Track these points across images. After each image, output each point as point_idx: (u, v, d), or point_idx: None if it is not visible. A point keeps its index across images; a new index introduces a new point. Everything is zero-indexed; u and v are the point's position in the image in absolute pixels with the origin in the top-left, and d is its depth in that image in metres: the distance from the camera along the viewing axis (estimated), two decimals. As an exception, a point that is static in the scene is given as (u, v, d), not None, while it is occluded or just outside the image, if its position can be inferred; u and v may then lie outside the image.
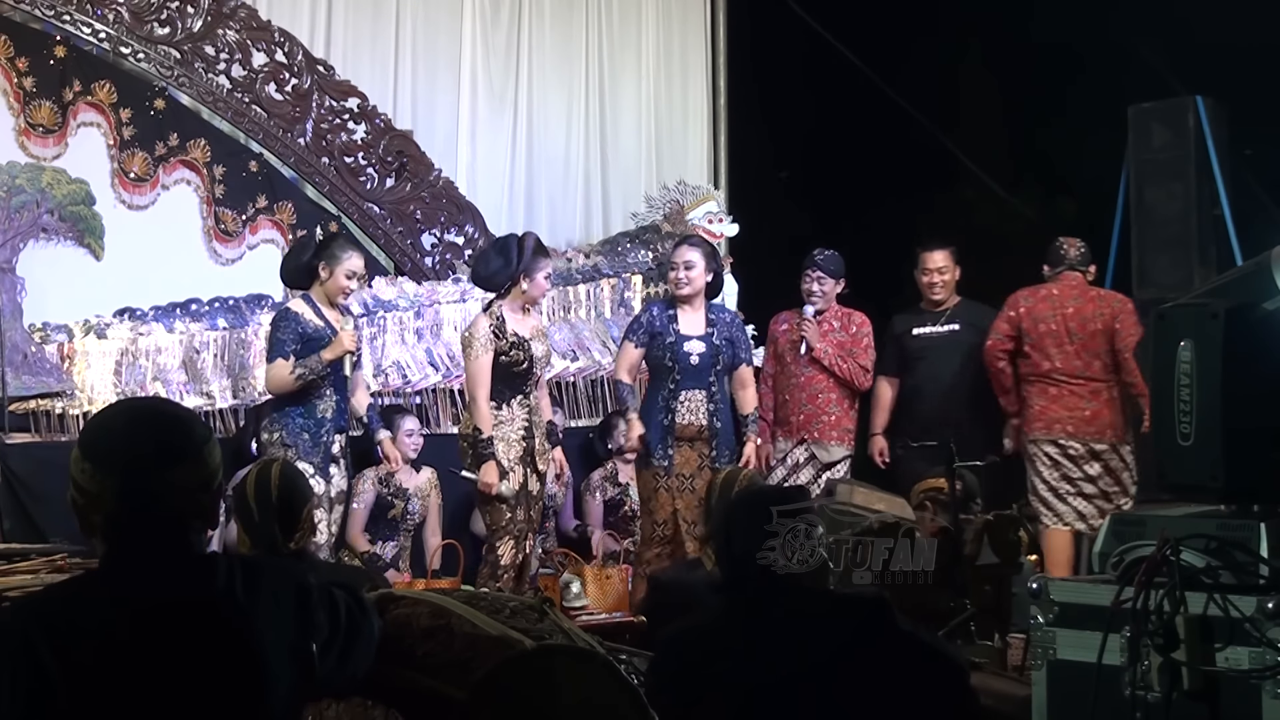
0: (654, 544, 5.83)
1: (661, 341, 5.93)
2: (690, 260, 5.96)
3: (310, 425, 5.46)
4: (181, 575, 2.13)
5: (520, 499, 5.68)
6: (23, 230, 6.41)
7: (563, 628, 2.48)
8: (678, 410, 5.89)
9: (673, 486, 5.85)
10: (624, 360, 6.05)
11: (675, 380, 5.90)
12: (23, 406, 6.28)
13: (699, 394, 5.93)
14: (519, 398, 5.74)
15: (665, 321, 5.97)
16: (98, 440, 2.16)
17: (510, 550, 5.63)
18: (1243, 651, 2.66)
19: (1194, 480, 3.04)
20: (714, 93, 9.02)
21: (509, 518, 5.66)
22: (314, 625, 2.21)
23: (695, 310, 6.00)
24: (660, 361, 5.94)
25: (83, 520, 2.16)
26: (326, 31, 7.62)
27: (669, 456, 5.86)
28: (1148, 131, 7.74)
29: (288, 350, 5.42)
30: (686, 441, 5.89)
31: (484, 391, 5.67)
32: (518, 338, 5.71)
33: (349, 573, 4.40)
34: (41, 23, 6.63)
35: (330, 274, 5.54)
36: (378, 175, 7.55)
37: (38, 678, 2.00)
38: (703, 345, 5.94)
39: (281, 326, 5.49)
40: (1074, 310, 6.35)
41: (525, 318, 5.83)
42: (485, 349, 5.66)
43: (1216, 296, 3.38)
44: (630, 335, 6.05)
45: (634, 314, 6.65)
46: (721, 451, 5.91)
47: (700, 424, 5.91)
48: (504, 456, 5.66)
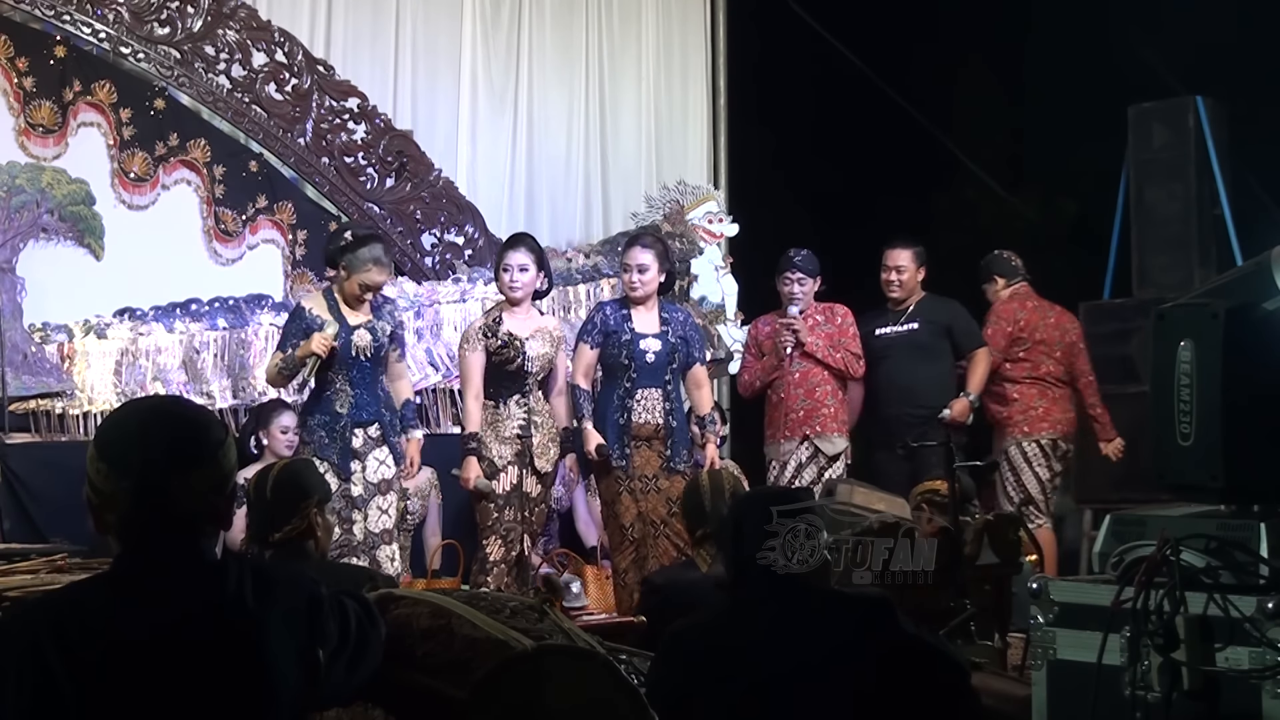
0: (625, 549, 5.75)
1: (617, 340, 5.86)
2: (643, 263, 5.89)
3: (325, 420, 5.47)
4: (192, 580, 2.12)
5: (512, 499, 5.64)
6: (23, 230, 6.42)
7: (563, 628, 2.48)
8: (633, 409, 5.83)
9: (635, 489, 5.78)
10: (580, 363, 5.93)
11: (631, 379, 5.86)
12: (23, 406, 6.29)
13: (655, 393, 5.88)
14: (516, 397, 5.73)
15: (620, 320, 5.90)
16: (113, 440, 2.15)
17: (498, 549, 5.59)
18: (1243, 651, 2.66)
19: (1194, 480, 3.04)
20: (714, 93, 9.02)
21: (495, 517, 5.64)
22: (324, 634, 2.21)
23: (649, 309, 5.95)
24: (616, 360, 5.87)
25: (97, 519, 2.15)
26: (326, 31, 7.62)
27: (626, 456, 5.79)
28: (1148, 131, 7.75)
29: (287, 345, 5.50)
30: (644, 441, 5.83)
31: (472, 389, 5.67)
32: (510, 336, 5.70)
33: (352, 572, 4.39)
34: (41, 23, 6.64)
35: (348, 276, 5.53)
36: (378, 175, 7.55)
37: (45, 680, 2.00)
38: (658, 343, 5.88)
39: (290, 321, 5.59)
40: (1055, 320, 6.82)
41: (527, 317, 5.81)
42: (475, 346, 5.71)
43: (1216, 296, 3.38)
44: (584, 336, 5.95)
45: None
46: (678, 451, 5.85)
47: (656, 423, 5.85)
48: (497, 455, 5.65)
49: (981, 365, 6.63)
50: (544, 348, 5.81)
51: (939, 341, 6.65)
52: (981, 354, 6.65)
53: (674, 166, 8.64)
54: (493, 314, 5.81)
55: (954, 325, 6.69)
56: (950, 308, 6.76)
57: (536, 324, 5.86)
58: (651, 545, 5.70)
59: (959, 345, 6.69)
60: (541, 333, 5.84)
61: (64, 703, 2.00)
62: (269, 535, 3.83)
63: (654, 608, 4.56)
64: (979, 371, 6.62)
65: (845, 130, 8.77)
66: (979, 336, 6.72)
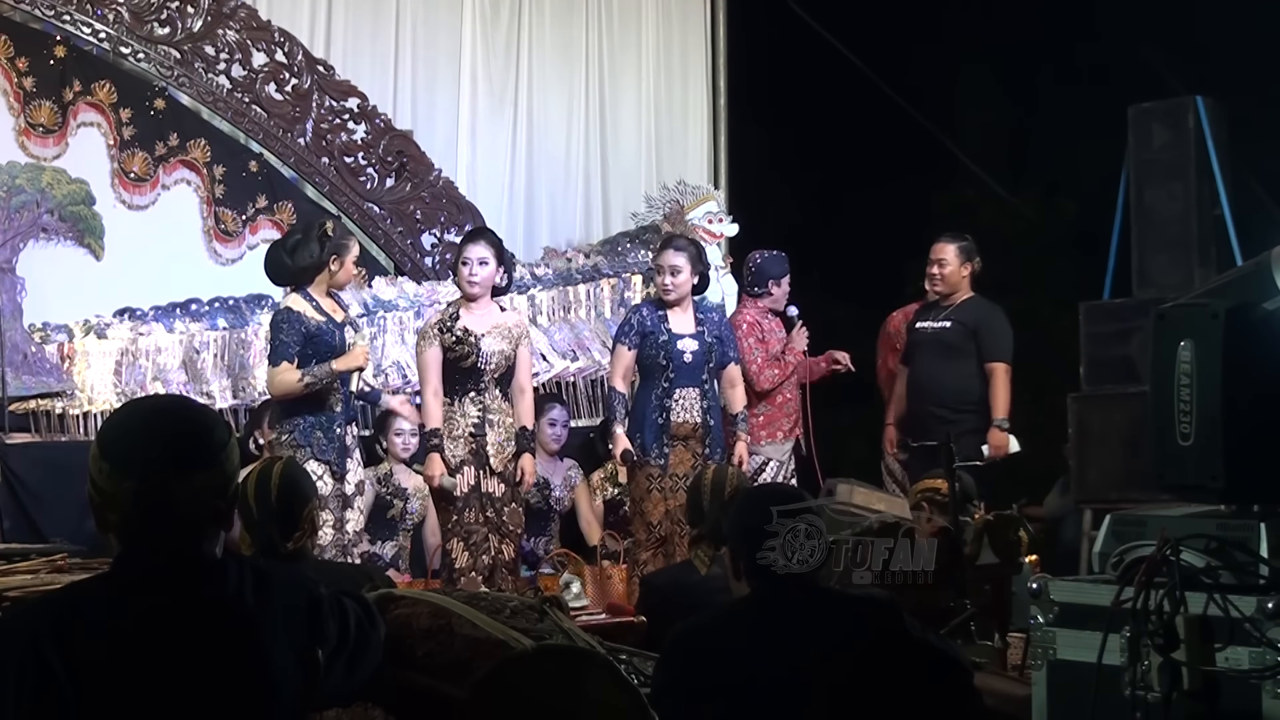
0: (649, 546, 5.80)
1: (655, 341, 5.92)
2: (676, 265, 5.94)
3: (322, 422, 5.35)
4: (193, 580, 2.12)
5: (472, 500, 5.54)
6: (23, 230, 6.41)
7: (563, 628, 2.48)
8: (672, 409, 5.88)
9: (666, 487, 5.82)
10: (619, 365, 6.01)
11: (669, 379, 5.90)
12: (23, 406, 6.28)
13: (693, 392, 5.93)
14: (471, 394, 5.61)
15: (656, 321, 5.96)
16: (116, 440, 2.15)
17: (463, 554, 5.49)
18: (1243, 651, 2.66)
19: (1194, 480, 3.04)
20: (714, 93, 9.01)
21: (455, 519, 5.54)
22: (323, 635, 2.21)
23: (684, 310, 6.00)
24: (654, 361, 5.93)
25: (99, 518, 2.15)
26: (326, 31, 7.62)
27: (665, 455, 5.85)
28: (1148, 131, 7.73)
29: (291, 353, 5.27)
30: (681, 440, 5.89)
31: (430, 385, 5.58)
32: (465, 332, 5.57)
33: (351, 572, 4.38)
34: (41, 23, 6.63)
35: (342, 265, 5.44)
36: (378, 175, 7.55)
37: (45, 679, 2.00)
38: (696, 344, 5.94)
39: (284, 328, 5.30)
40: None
41: (485, 313, 5.68)
42: (430, 342, 5.59)
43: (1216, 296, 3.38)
44: (622, 338, 6.01)
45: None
46: (714, 450, 5.91)
47: (695, 422, 5.91)
48: (451, 454, 5.55)
49: (1001, 383, 6.51)
50: (501, 345, 5.64)
51: (966, 343, 6.60)
52: (1000, 369, 6.53)
53: (674, 166, 8.63)
54: (450, 309, 5.68)
55: (980, 329, 6.60)
56: (987, 312, 6.70)
57: (494, 320, 5.70)
58: (677, 544, 5.70)
59: (981, 351, 6.59)
60: (499, 329, 5.67)
61: (64, 702, 2.00)
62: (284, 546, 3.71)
63: (653, 608, 4.56)
64: (1000, 392, 6.50)
65: (845, 130, 8.77)
66: (1003, 349, 6.60)
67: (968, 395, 6.56)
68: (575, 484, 6.99)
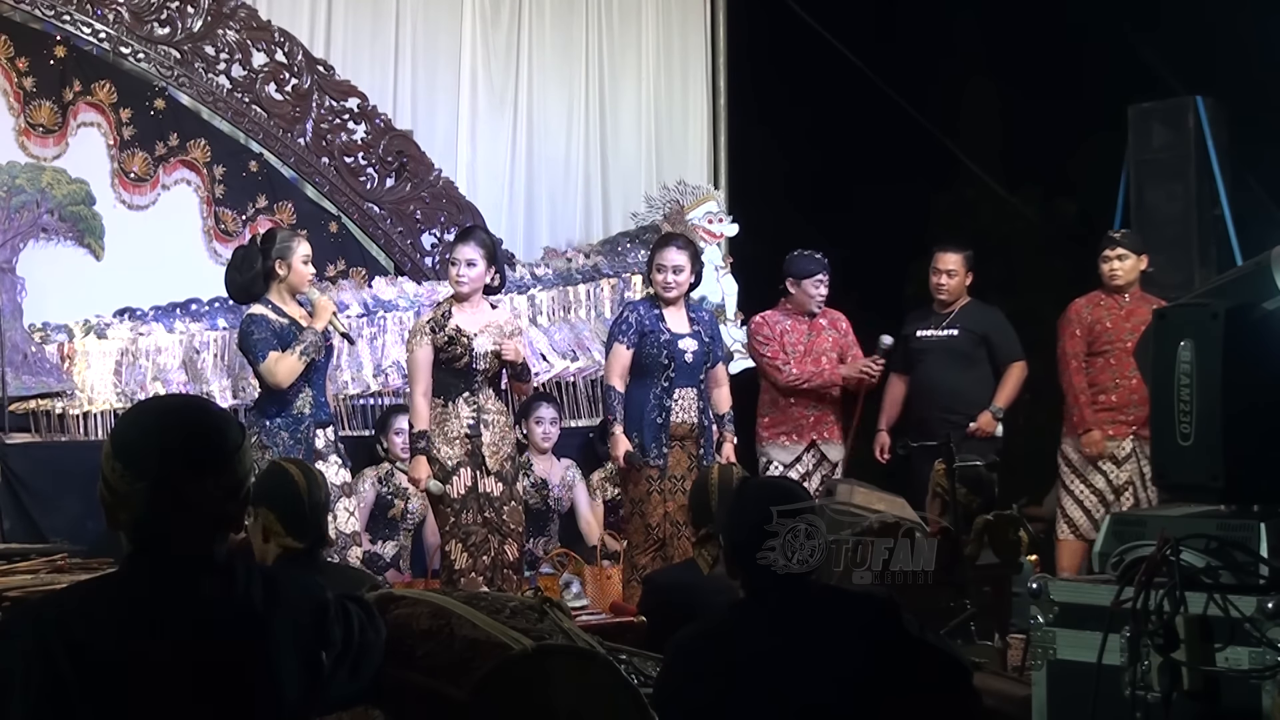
0: (648, 548, 5.75)
1: (655, 340, 5.86)
2: (679, 264, 5.91)
3: (288, 423, 5.30)
4: (201, 582, 2.12)
5: (469, 501, 5.51)
6: (23, 230, 6.41)
7: (563, 628, 2.48)
8: (672, 409, 5.86)
9: (665, 489, 5.79)
10: (617, 364, 5.91)
11: (669, 378, 5.86)
12: (23, 406, 6.28)
13: (691, 392, 5.90)
14: (465, 395, 5.56)
15: (654, 320, 5.91)
16: (130, 440, 2.14)
17: (463, 556, 5.46)
18: (1243, 651, 2.66)
19: (1194, 480, 3.04)
20: (714, 93, 9.01)
21: (453, 521, 5.50)
22: (329, 639, 2.21)
23: (679, 309, 5.98)
24: (655, 360, 5.86)
25: (110, 516, 2.15)
26: (326, 31, 7.62)
27: (664, 456, 5.80)
28: (1148, 131, 7.75)
29: (274, 344, 5.26)
30: (678, 440, 5.86)
31: (420, 386, 5.52)
32: (458, 332, 5.53)
33: (352, 575, 4.38)
34: (41, 23, 6.63)
35: (289, 268, 5.37)
36: (378, 175, 7.55)
37: (52, 678, 2.00)
38: (694, 343, 5.91)
39: (254, 329, 5.28)
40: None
41: (476, 312, 5.63)
42: (421, 341, 5.54)
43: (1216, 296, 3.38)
44: (620, 336, 5.92)
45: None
46: (708, 451, 5.88)
47: (692, 422, 5.88)
48: (445, 456, 5.50)
49: (1014, 379, 6.67)
50: (493, 344, 5.60)
51: (977, 349, 6.69)
52: (1017, 367, 6.69)
53: (674, 166, 8.63)
54: (441, 308, 5.64)
55: (992, 334, 6.73)
56: (992, 316, 6.80)
57: (486, 319, 5.65)
58: (675, 546, 5.69)
59: (997, 355, 6.72)
60: (492, 328, 5.62)
61: (71, 702, 2.00)
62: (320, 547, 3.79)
63: (654, 608, 4.55)
64: (1010, 385, 6.66)
65: (845, 130, 8.77)
66: (1018, 349, 6.74)
67: (982, 401, 6.63)
68: (574, 484, 6.99)
